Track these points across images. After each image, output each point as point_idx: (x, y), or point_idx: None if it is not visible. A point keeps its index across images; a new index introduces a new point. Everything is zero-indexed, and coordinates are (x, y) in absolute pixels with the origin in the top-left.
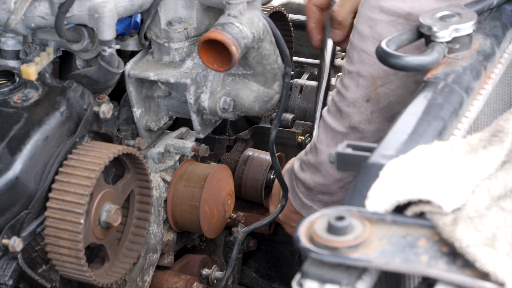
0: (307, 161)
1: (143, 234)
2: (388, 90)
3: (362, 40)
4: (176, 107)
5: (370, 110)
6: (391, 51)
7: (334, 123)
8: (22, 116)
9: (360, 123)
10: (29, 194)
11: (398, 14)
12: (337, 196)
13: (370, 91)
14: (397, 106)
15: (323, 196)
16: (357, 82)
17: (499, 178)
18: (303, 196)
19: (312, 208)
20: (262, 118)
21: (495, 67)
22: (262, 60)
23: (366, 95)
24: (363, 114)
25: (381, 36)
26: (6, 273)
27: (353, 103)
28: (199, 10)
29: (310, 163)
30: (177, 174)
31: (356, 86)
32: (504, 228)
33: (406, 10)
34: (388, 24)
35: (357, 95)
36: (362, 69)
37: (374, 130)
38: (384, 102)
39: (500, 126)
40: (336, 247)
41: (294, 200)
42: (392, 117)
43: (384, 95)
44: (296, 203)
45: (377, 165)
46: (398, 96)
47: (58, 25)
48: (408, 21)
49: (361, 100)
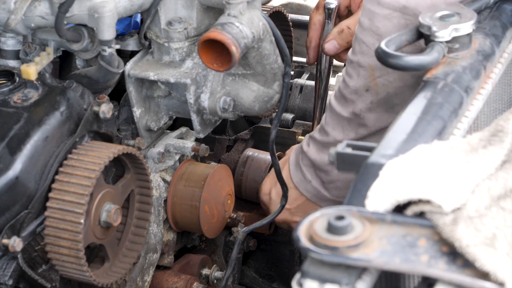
0: (314, 138)
1: (143, 234)
2: (386, 81)
3: (363, 31)
4: (176, 107)
5: (370, 100)
6: (390, 51)
7: (339, 108)
8: (22, 116)
9: (361, 110)
10: (29, 194)
11: (394, 8)
12: (332, 175)
13: (369, 81)
14: (395, 98)
15: (321, 173)
16: (358, 71)
17: (499, 178)
18: (306, 169)
19: (311, 184)
20: (262, 118)
21: (494, 66)
22: (262, 60)
23: (365, 84)
24: (363, 103)
25: (378, 29)
26: (6, 273)
27: (355, 91)
28: (199, 10)
29: (316, 140)
30: (177, 174)
31: (357, 75)
32: (504, 228)
33: (402, 4)
34: (384, 17)
35: (358, 84)
36: (362, 60)
37: (375, 119)
38: (383, 93)
39: (500, 126)
40: (336, 246)
41: (296, 173)
42: (391, 108)
43: (382, 86)
44: (296, 176)
45: (377, 164)
46: (396, 88)
47: (58, 25)
48: (403, 15)
49: (361, 89)
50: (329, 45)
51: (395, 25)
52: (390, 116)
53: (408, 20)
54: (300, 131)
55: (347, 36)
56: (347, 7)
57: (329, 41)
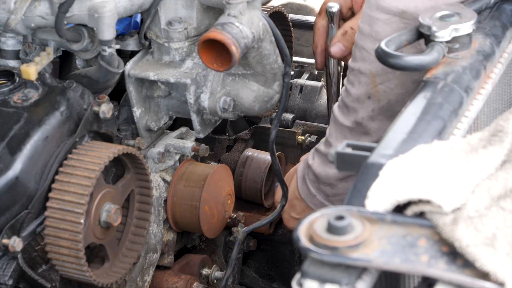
0: (319, 150)
1: (143, 234)
2: (387, 88)
3: (363, 38)
4: (176, 107)
5: (371, 108)
6: (390, 51)
7: (342, 118)
8: (22, 116)
9: (363, 119)
10: (29, 194)
11: (393, 13)
12: (337, 188)
13: (370, 88)
14: (397, 105)
15: (325, 187)
16: (359, 79)
17: (499, 178)
18: (310, 184)
19: (316, 198)
20: (262, 118)
21: (495, 66)
22: (262, 60)
23: (367, 92)
24: (365, 110)
25: (378, 34)
26: (6, 273)
27: (357, 99)
28: (199, 10)
29: (321, 153)
30: (177, 174)
31: (359, 83)
32: (504, 228)
33: (401, 9)
34: (384, 22)
35: (360, 92)
36: (362, 67)
37: (377, 128)
38: (384, 101)
39: (500, 126)
40: (336, 246)
41: (302, 187)
42: (393, 116)
43: (384, 93)
44: (303, 190)
45: (377, 164)
46: (397, 95)
47: (58, 25)
48: (402, 20)
49: (363, 97)
50: (334, 48)
51: (395, 30)
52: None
53: (408, 24)
54: (300, 131)
55: (351, 37)
56: (349, 8)
57: (335, 44)
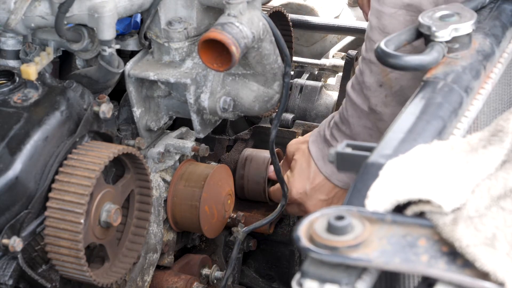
0: (343, 131)
1: (143, 234)
2: (399, 75)
3: (372, 30)
4: (176, 107)
5: (384, 94)
6: (390, 51)
7: (359, 101)
8: (22, 116)
9: (377, 105)
10: (29, 194)
11: (398, 6)
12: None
13: (381, 77)
14: (409, 91)
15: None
16: (370, 68)
17: (499, 178)
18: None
19: None
20: (262, 118)
21: (494, 66)
22: (262, 60)
23: (378, 80)
24: (378, 98)
25: (385, 27)
26: (6, 273)
27: (369, 87)
28: (199, 10)
29: (346, 134)
30: (177, 174)
31: (370, 72)
32: (504, 228)
33: (406, 2)
34: (390, 16)
35: (371, 80)
36: (372, 57)
37: (391, 113)
38: (397, 87)
39: (500, 126)
40: (336, 246)
41: (325, 165)
42: (405, 101)
43: (396, 80)
44: (326, 167)
45: (376, 164)
46: (409, 80)
47: (58, 25)
48: (408, 12)
49: (375, 85)
50: None
51: (401, 23)
52: None
53: (414, 16)
54: (300, 131)
55: None
56: None
57: None
